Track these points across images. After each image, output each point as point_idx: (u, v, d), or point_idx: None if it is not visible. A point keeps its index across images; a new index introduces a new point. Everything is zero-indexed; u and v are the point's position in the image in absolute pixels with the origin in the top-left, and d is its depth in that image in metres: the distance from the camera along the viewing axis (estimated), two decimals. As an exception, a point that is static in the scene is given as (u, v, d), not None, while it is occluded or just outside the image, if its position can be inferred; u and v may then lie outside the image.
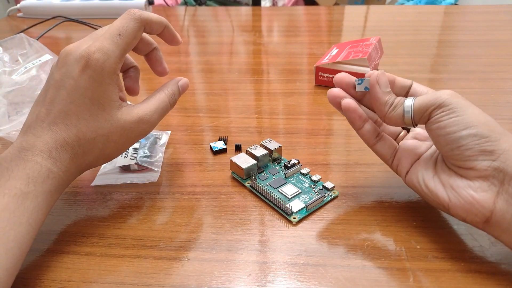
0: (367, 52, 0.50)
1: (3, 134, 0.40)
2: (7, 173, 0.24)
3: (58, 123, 0.27)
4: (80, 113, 0.27)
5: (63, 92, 0.27)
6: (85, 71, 0.27)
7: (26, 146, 0.26)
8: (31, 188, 0.24)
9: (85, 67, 0.27)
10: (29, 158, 0.25)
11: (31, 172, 0.25)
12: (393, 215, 0.30)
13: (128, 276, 0.26)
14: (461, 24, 0.81)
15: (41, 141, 0.26)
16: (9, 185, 0.24)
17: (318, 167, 0.36)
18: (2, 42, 0.47)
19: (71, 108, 0.27)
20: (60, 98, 0.27)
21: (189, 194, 0.33)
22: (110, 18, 0.87)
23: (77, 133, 0.27)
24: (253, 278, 0.25)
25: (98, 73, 0.27)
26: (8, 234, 0.23)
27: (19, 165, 0.25)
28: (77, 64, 0.27)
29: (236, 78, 0.56)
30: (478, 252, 0.27)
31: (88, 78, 0.27)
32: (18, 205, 0.23)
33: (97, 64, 0.27)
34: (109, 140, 0.28)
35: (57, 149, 0.26)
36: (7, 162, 0.25)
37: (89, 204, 0.32)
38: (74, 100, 0.27)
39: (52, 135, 0.27)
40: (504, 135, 0.24)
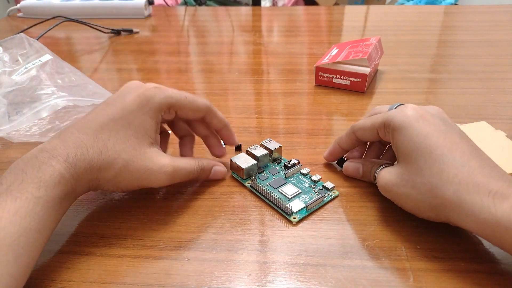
0: (367, 52, 0.50)
1: (3, 134, 0.40)
2: (21, 175, 0.24)
3: (89, 133, 0.27)
4: (114, 131, 0.28)
5: (110, 108, 0.29)
6: (138, 97, 0.29)
7: (48, 147, 0.26)
8: (42, 193, 0.24)
9: (139, 94, 0.29)
10: (45, 160, 0.25)
11: (43, 175, 0.24)
12: (393, 215, 0.30)
13: (128, 276, 0.26)
14: (461, 24, 0.81)
15: (63, 144, 0.26)
16: (21, 188, 0.23)
17: (318, 167, 0.36)
18: (2, 42, 0.47)
19: (109, 124, 0.28)
20: (104, 113, 0.28)
21: (189, 194, 0.33)
22: (110, 18, 0.87)
23: (102, 147, 0.27)
24: (253, 278, 0.25)
25: (147, 103, 0.29)
26: (18, 241, 0.22)
27: (33, 167, 0.25)
28: (135, 90, 0.30)
29: (236, 78, 0.56)
30: (478, 252, 0.27)
31: (136, 105, 0.29)
32: (29, 210, 0.23)
33: (151, 95, 0.29)
34: (126, 167, 0.28)
35: (76, 155, 0.26)
36: (24, 162, 0.25)
37: (89, 204, 0.32)
38: (115, 118, 0.28)
39: (77, 141, 0.27)
40: None
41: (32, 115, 0.42)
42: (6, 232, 0.22)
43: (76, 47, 0.72)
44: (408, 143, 0.27)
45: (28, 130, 0.41)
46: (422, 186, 0.26)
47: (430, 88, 0.52)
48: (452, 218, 0.25)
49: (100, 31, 0.76)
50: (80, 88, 0.46)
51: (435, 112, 0.29)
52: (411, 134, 0.27)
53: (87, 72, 0.54)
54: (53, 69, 0.47)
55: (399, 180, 0.28)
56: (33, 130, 0.41)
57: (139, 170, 0.28)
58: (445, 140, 0.26)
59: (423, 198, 0.26)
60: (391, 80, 0.54)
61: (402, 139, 0.28)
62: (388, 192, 0.29)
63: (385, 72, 0.56)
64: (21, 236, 0.22)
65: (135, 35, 0.77)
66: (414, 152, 0.27)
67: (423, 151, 0.26)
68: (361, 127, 0.32)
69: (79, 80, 0.48)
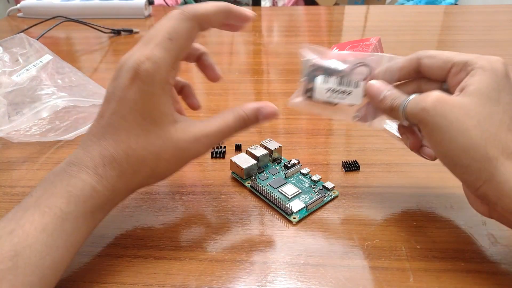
0: (367, 52, 0.50)
1: (3, 134, 0.40)
2: (50, 189, 0.23)
3: (108, 138, 0.25)
4: (130, 128, 0.25)
5: (112, 105, 0.26)
6: (134, 82, 0.25)
7: (75, 160, 0.25)
8: (71, 208, 0.23)
9: (134, 78, 0.25)
10: (74, 174, 0.24)
11: (73, 190, 0.23)
12: (393, 215, 0.30)
13: (128, 276, 0.26)
14: (461, 24, 0.81)
15: (89, 156, 0.25)
16: (50, 203, 0.22)
17: (318, 167, 0.36)
18: (2, 42, 0.47)
19: (121, 123, 0.25)
20: (110, 112, 0.26)
21: (189, 194, 0.33)
22: (110, 18, 0.87)
23: (127, 150, 0.25)
24: (253, 278, 0.25)
25: (149, 85, 0.25)
26: (44, 260, 0.21)
27: (63, 180, 0.24)
28: (127, 75, 0.25)
29: (236, 78, 0.56)
30: (478, 252, 0.27)
31: (137, 90, 0.25)
32: (57, 227, 0.22)
33: (147, 75, 0.25)
34: (160, 158, 0.26)
35: (104, 165, 0.24)
36: (54, 176, 0.24)
37: (89, 204, 0.32)
38: (123, 114, 0.25)
39: (101, 150, 0.25)
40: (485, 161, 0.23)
41: (32, 115, 0.42)
42: (32, 250, 0.21)
43: (76, 47, 0.72)
44: (492, 88, 0.24)
45: (28, 130, 0.41)
46: (486, 132, 0.23)
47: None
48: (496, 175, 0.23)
49: (100, 31, 0.76)
50: (80, 88, 0.46)
51: None
52: (498, 83, 0.24)
53: (87, 72, 0.54)
54: (53, 69, 0.47)
55: (462, 112, 0.24)
56: (33, 130, 0.41)
57: (174, 155, 0.26)
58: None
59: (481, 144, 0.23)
60: (391, 80, 0.54)
61: (486, 80, 0.24)
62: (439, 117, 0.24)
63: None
64: (47, 255, 0.21)
65: (135, 35, 0.77)
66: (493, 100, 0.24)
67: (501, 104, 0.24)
68: (432, 55, 0.27)
69: (79, 80, 0.48)
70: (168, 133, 0.26)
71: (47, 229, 0.22)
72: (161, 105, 0.26)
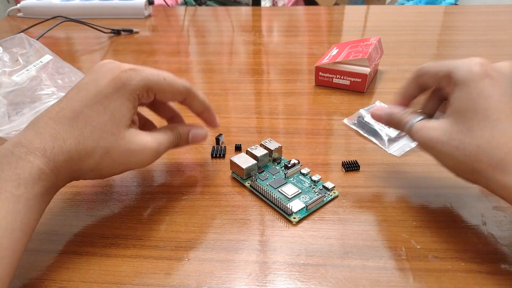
0: (367, 52, 0.50)
1: (3, 134, 0.40)
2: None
3: (64, 122, 0.26)
4: (90, 118, 0.27)
5: (83, 93, 0.27)
6: (113, 81, 0.27)
7: (24, 141, 0.25)
8: (22, 191, 0.23)
9: (115, 77, 0.27)
10: (22, 156, 0.24)
11: (22, 172, 0.23)
12: (393, 215, 0.30)
13: (128, 276, 0.26)
14: (461, 24, 0.81)
15: (39, 137, 0.25)
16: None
17: (318, 167, 0.36)
18: (2, 42, 0.47)
19: (83, 111, 0.26)
20: (78, 99, 0.27)
21: (189, 194, 0.33)
22: (110, 18, 0.87)
23: (79, 137, 0.26)
24: (253, 278, 0.25)
25: (123, 85, 0.28)
26: (1, 242, 0.21)
27: (10, 163, 0.23)
28: (109, 74, 0.28)
29: (236, 78, 0.56)
30: (478, 252, 0.27)
31: (112, 87, 0.27)
32: (9, 210, 0.22)
33: (128, 78, 0.28)
34: (108, 155, 0.27)
35: (53, 148, 0.25)
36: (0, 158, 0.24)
37: (89, 204, 0.32)
38: (90, 104, 0.27)
39: (53, 133, 0.25)
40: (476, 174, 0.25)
41: (32, 115, 0.42)
42: None
43: (76, 47, 0.72)
44: (466, 100, 0.25)
45: (28, 130, 0.41)
46: (468, 147, 0.25)
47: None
48: (491, 184, 0.24)
49: (100, 31, 0.76)
50: (80, 88, 0.46)
51: (506, 70, 0.26)
52: (472, 92, 0.25)
53: (87, 72, 0.53)
54: (53, 69, 0.47)
55: (445, 138, 0.26)
56: (33, 130, 0.41)
57: (121, 155, 0.28)
58: (506, 105, 0.24)
59: (466, 161, 0.25)
60: (391, 80, 0.54)
61: (461, 95, 0.26)
62: (430, 149, 0.27)
63: (385, 72, 0.56)
64: (3, 237, 0.22)
65: (135, 35, 0.77)
66: (470, 112, 0.25)
67: (479, 113, 0.25)
68: (427, 71, 0.29)
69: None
70: (122, 133, 0.28)
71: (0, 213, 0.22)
72: (125, 108, 0.28)
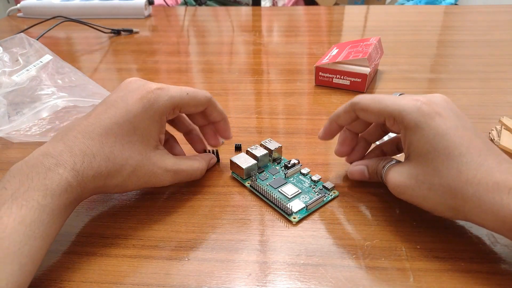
0: (367, 52, 0.50)
1: (3, 134, 0.40)
2: (26, 182, 0.23)
3: (94, 138, 0.26)
4: (119, 136, 0.27)
5: (112, 111, 0.28)
6: (141, 100, 0.28)
7: (53, 153, 0.25)
8: (48, 201, 0.23)
9: (143, 97, 0.28)
10: (52, 167, 0.24)
11: (50, 183, 0.24)
12: (393, 215, 0.30)
13: (128, 276, 0.26)
14: (461, 24, 0.81)
15: (70, 151, 0.25)
16: (27, 196, 0.23)
17: (318, 167, 0.36)
18: (2, 42, 0.47)
19: (113, 128, 0.27)
20: (107, 116, 0.28)
21: (189, 194, 0.33)
22: (110, 18, 0.87)
23: (109, 154, 0.27)
24: (253, 278, 0.25)
25: (151, 106, 0.28)
26: (23, 249, 0.22)
27: (40, 173, 0.24)
28: (137, 91, 0.29)
29: (236, 78, 0.56)
30: (478, 252, 0.27)
31: (141, 107, 0.28)
32: (34, 218, 0.23)
33: (155, 98, 0.29)
34: (134, 173, 0.28)
35: (83, 163, 0.25)
36: (29, 168, 0.24)
37: (89, 204, 0.32)
38: (119, 122, 0.27)
39: (83, 148, 0.26)
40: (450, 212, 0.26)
41: (32, 115, 0.42)
42: (11, 241, 0.21)
43: (76, 47, 0.72)
44: (424, 143, 0.26)
45: (28, 130, 0.41)
46: (440, 188, 0.25)
47: (430, 88, 0.52)
48: (470, 218, 0.25)
49: (100, 31, 0.76)
50: (80, 89, 0.46)
51: (444, 103, 0.27)
52: (428, 134, 0.26)
53: (87, 72, 0.54)
54: (53, 69, 0.47)
55: (413, 182, 0.27)
56: (33, 130, 0.41)
57: (145, 175, 0.29)
58: (462, 138, 0.25)
59: (441, 200, 0.25)
60: (391, 80, 0.54)
61: (417, 138, 0.26)
62: (402, 194, 0.28)
63: (385, 72, 0.56)
64: (26, 244, 0.22)
65: (135, 35, 0.77)
66: (431, 153, 0.25)
67: (440, 152, 0.25)
68: (365, 108, 0.29)
69: (79, 80, 0.48)
70: (149, 153, 0.29)
71: (25, 221, 0.22)
72: (153, 129, 0.29)
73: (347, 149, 0.34)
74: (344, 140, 0.33)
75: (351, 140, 0.33)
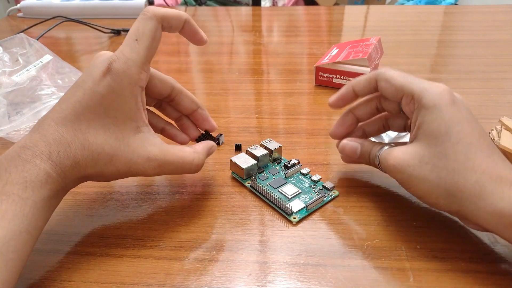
0: (367, 52, 0.50)
1: (3, 134, 0.40)
2: (5, 176, 0.23)
3: (67, 125, 0.25)
4: (91, 121, 0.26)
5: (79, 93, 0.26)
6: (105, 76, 0.26)
7: (29, 144, 0.24)
8: (29, 194, 0.23)
9: (105, 72, 0.26)
10: (28, 158, 0.24)
11: (28, 176, 0.23)
12: (393, 215, 0.30)
13: (128, 276, 0.26)
14: (461, 24, 0.81)
15: (44, 141, 0.24)
16: (6, 191, 0.22)
17: (318, 167, 0.36)
18: (2, 42, 0.47)
19: (83, 113, 0.25)
20: (75, 99, 0.26)
21: (189, 194, 0.33)
22: (110, 18, 0.87)
23: (83, 142, 0.25)
24: (253, 278, 0.25)
25: (118, 82, 0.26)
26: (8, 244, 0.21)
27: (17, 166, 0.23)
28: (100, 67, 0.26)
29: (236, 78, 0.56)
30: (478, 252, 0.27)
31: (107, 85, 0.26)
32: (16, 212, 0.22)
33: (117, 73, 0.26)
34: (111, 163, 0.26)
35: (58, 152, 0.24)
36: (7, 161, 0.24)
37: (89, 204, 0.32)
38: (88, 105, 0.26)
39: (57, 136, 0.25)
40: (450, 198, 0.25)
41: (32, 115, 0.42)
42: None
43: (76, 47, 0.72)
44: (438, 125, 0.26)
45: (28, 130, 0.41)
46: (443, 170, 0.25)
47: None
48: (466, 207, 0.24)
49: (100, 31, 0.76)
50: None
51: (463, 101, 0.27)
52: (443, 117, 0.25)
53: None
54: (53, 69, 0.47)
55: (416, 162, 0.26)
56: (33, 130, 0.41)
57: (124, 165, 0.27)
58: (473, 130, 0.25)
59: (440, 184, 0.25)
60: (391, 80, 0.54)
61: (431, 119, 0.26)
62: (400, 173, 0.27)
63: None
64: (11, 240, 0.21)
65: (135, 35, 0.77)
66: (442, 136, 0.25)
67: (452, 137, 0.25)
68: (389, 78, 0.28)
69: (79, 80, 0.48)
70: (127, 139, 0.27)
71: (6, 216, 0.22)
72: (127, 107, 0.26)
73: (343, 132, 0.33)
74: (343, 122, 0.33)
75: (350, 125, 0.33)
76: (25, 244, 0.22)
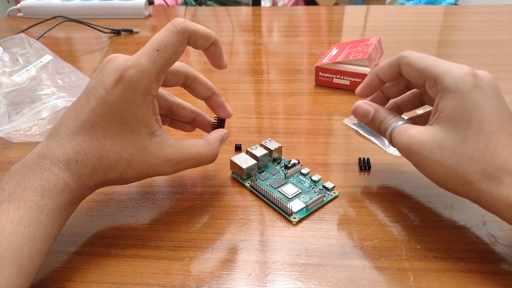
0: (367, 52, 0.50)
1: (3, 134, 0.40)
2: (23, 182, 0.23)
3: (83, 134, 0.25)
4: (107, 129, 0.26)
5: (93, 101, 0.26)
6: (117, 85, 0.25)
7: (47, 152, 0.24)
8: (46, 201, 0.23)
9: (118, 81, 0.25)
10: (46, 167, 0.24)
11: (46, 184, 0.23)
12: (393, 215, 0.30)
13: (128, 276, 0.26)
14: (461, 24, 0.81)
15: (62, 150, 0.25)
16: (24, 197, 0.22)
17: (318, 167, 0.36)
18: (2, 42, 0.47)
19: (98, 122, 0.25)
20: (89, 108, 0.26)
21: (189, 194, 0.33)
22: (110, 18, 0.87)
23: (100, 150, 0.25)
24: (253, 278, 0.25)
25: (130, 92, 0.25)
26: (22, 250, 0.21)
27: (35, 173, 0.23)
28: (112, 75, 0.26)
29: (236, 78, 0.56)
30: (478, 252, 0.27)
31: (119, 94, 0.25)
32: (33, 219, 0.22)
33: (130, 81, 0.25)
34: (130, 167, 0.27)
35: (76, 162, 0.25)
36: (26, 168, 0.24)
37: (89, 204, 0.32)
38: (102, 114, 0.25)
39: (74, 145, 0.25)
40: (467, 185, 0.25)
41: (32, 115, 0.42)
42: (9, 242, 0.21)
43: (76, 47, 0.72)
44: (459, 110, 0.25)
45: (28, 130, 0.41)
46: (462, 158, 0.24)
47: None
48: (483, 197, 0.24)
49: (100, 31, 0.76)
50: (80, 89, 0.46)
51: (488, 81, 0.26)
52: (466, 103, 0.25)
53: (87, 72, 0.54)
54: (53, 69, 0.47)
55: (435, 145, 0.25)
56: (33, 130, 0.41)
57: (143, 168, 0.27)
58: (497, 117, 0.25)
59: (458, 171, 0.25)
60: (391, 80, 0.54)
61: (454, 104, 0.25)
62: (416, 155, 0.26)
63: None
64: (25, 246, 0.21)
65: (135, 35, 0.77)
66: (464, 122, 0.25)
67: (473, 124, 0.24)
68: (412, 62, 0.28)
69: (79, 80, 0.48)
70: (143, 144, 0.27)
71: (23, 222, 0.22)
72: (140, 115, 0.26)
73: (368, 93, 0.32)
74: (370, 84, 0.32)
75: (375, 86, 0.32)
76: (38, 251, 0.23)
